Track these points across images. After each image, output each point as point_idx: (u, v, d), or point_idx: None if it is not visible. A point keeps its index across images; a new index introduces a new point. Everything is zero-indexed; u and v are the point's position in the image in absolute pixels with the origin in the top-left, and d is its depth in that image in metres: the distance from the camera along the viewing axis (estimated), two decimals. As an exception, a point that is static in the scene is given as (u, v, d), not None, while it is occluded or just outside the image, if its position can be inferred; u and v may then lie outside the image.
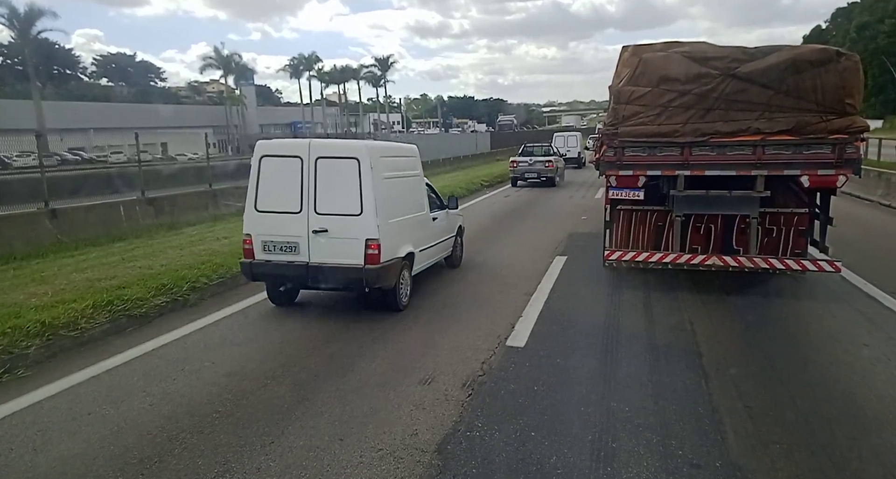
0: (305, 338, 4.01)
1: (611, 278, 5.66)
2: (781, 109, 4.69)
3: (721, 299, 4.89)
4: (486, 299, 4.96)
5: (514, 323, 4.27)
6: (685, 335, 3.99)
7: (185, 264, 5.53)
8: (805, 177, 4.65)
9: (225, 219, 9.19)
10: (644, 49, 5.40)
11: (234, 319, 4.48)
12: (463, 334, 4.06)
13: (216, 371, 3.43)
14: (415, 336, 4.03)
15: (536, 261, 6.40)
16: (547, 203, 12.09)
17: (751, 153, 4.69)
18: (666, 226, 5.47)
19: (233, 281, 5.42)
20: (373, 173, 4.19)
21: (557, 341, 3.88)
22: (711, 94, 4.82)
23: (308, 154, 4.27)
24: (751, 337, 3.95)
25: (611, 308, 4.65)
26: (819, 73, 4.63)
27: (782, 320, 4.37)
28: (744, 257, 4.97)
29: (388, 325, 4.27)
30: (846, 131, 4.56)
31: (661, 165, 4.94)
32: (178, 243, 6.73)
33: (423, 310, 4.64)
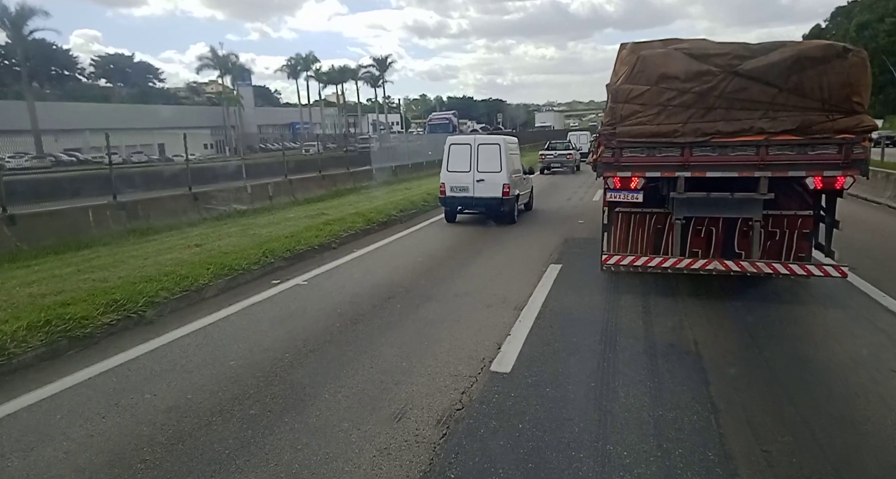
0: (268, 362, 3.60)
1: (607, 289, 5.28)
2: (785, 108, 4.46)
3: (726, 312, 4.51)
4: (472, 315, 4.57)
5: (500, 343, 3.89)
6: (690, 359, 3.59)
7: (145, 275, 5.11)
8: (810, 178, 4.44)
9: (204, 224, 8.80)
10: (643, 46, 5.16)
11: (192, 339, 4.07)
12: (443, 356, 3.67)
13: (156, 406, 3.01)
14: (391, 359, 3.63)
15: (529, 270, 6.01)
16: (543, 205, 11.70)
17: (754, 154, 4.48)
18: (665, 229, 5.27)
19: (198, 294, 5.01)
20: (504, 152, 8.87)
21: (547, 366, 3.49)
22: (712, 92, 4.59)
23: (474, 142, 9.07)
24: (763, 363, 3.54)
25: (607, 325, 4.27)
26: (825, 70, 4.39)
27: (796, 340, 3.97)
28: (746, 261, 4.76)
29: (363, 345, 3.88)
30: (853, 131, 4.33)
31: (661, 166, 4.72)
32: (144, 252, 6.32)
33: (402, 329, 4.24)
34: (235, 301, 4.96)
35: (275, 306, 4.85)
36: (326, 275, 6.03)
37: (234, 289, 5.39)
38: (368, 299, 5.04)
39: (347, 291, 5.33)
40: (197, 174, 16.56)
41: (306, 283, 5.66)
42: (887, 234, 7.82)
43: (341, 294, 5.21)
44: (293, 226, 8.17)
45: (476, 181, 8.81)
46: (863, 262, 5.72)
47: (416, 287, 5.44)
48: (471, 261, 6.60)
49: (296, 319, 4.50)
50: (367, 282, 5.68)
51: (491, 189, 8.75)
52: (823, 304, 4.77)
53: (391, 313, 4.64)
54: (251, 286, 5.51)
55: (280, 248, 6.53)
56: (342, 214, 9.32)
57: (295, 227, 8.04)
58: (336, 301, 4.98)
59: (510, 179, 8.83)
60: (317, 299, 5.07)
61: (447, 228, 9.16)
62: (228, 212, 9.98)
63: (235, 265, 5.66)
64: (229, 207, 10.13)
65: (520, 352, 3.70)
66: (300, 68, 57.89)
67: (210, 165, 20.22)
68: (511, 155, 9.16)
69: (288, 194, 12.68)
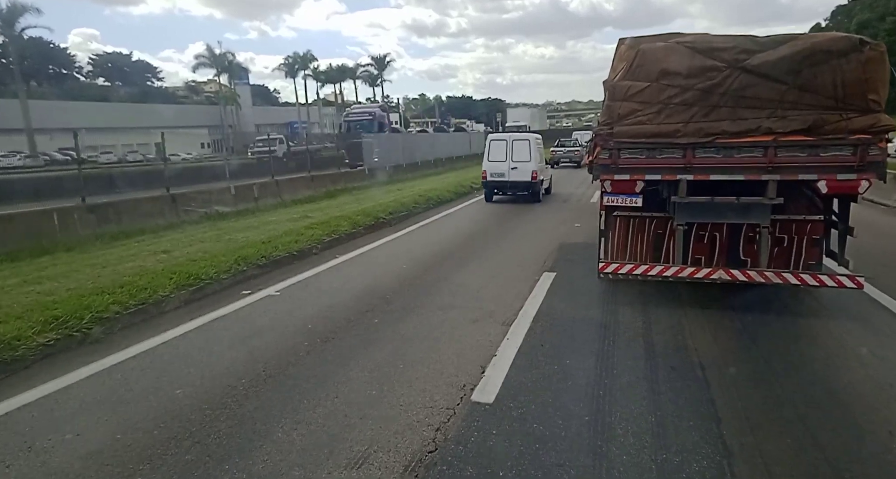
0: (219, 390, 3.19)
1: (604, 300, 4.91)
2: (796, 107, 4.17)
3: (733, 328, 4.13)
4: (456, 331, 4.17)
5: (485, 366, 3.49)
6: (696, 386, 3.18)
7: (98, 286, 4.68)
8: (822, 182, 4.13)
9: (181, 227, 8.37)
10: (643, 41, 4.84)
11: (139, 361, 3.65)
12: (419, 383, 3.27)
13: (75, 449, 2.59)
14: (359, 387, 3.23)
15: (520, 279, 5.62)
16: (538, 208, 11.33)
17: (761, 156, 4.19)
18: (666, 234, 4.97)
19: (156, 308, 4.60)
20: (533, 146, 11.67)
21: (536, 394, 3.08)
22: (717, 89, 4.30)
23: (509, 139, 11.89)
24: (781, 394, 3.11)
25: (603, 344, 3.87)
26: (839, 65, 4.08)
27: (818, 364, 3.55)
28: (753, 270, 4.43)
29: (331, 369, 3.48)
30: (869, 131, 4.02)
31: (661, 168, 4.42)
32: (105, 259, 5.88)
33: (377, 349, 3.83)
34: (198, 315, 4.55)
35: (240, 322, 4.45)
36: (302, 285, 5.62)
37: (198, 301, 4.97)
38: (344, 312, 4.65)
39: (322, 302, 4.93)
40: (191, 174, 16.20)
41: (279, 294, 5.26)
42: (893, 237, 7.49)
43: (315, 307, 4.81)
44: (273, 230, 7.75)
45: (510, 169, 11.78)
46: (877, 270, 5.35)
47: (397, 298, 5.04)
48: (459, 268, 6.21)
49: (261, 336, 4.10)
50: (346, 292, 5.29)
51: (523, 175, 11.68)
52: (838, 317, 4.40)
53: (367, 328, 4.25)
54: (218, 298, 5.10)
55: (255, 254, 6.13)
56: (327, 217, 8.91)
57: (274, 231, 7.63)
58: (308, 315, 4.58)
59: (538, 167, 11.93)
60: (287, 313, 4.66)
61: (437, 232, 8.77)
62: (210, 214, 9.56)
63: (203, 274, 5.25)
64: (210, 210, 9.71)
65: (505, 377, 3.30)
66: (298, 67, 57.53)
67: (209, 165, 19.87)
68: (538, 149, 12.26)
69: (274, 196, 12.27)
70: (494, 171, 11.75)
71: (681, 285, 4.98)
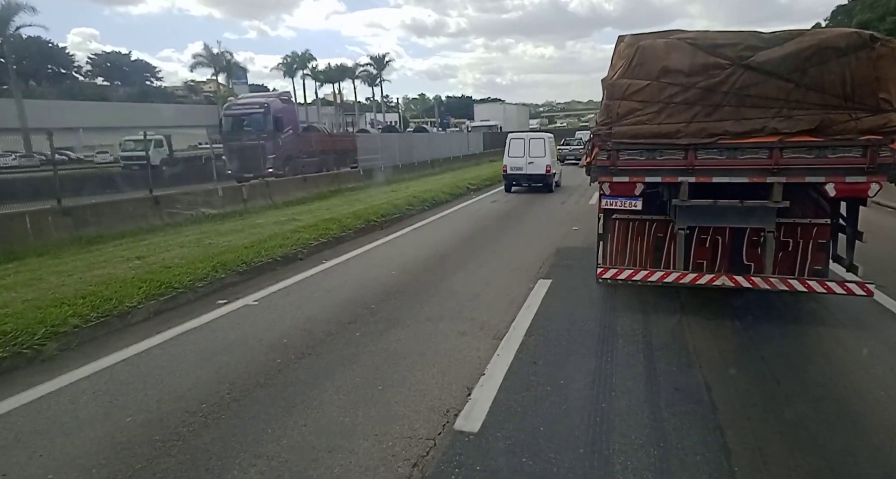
0: (176, 417, 2.88)
1: (602, 310, 4.64)
2: (803, 106, 4.00)
3: (741, 342, 3.86)
4: (443, 345, 3.89)
5: (471, 387, 3.20)
6: (703, 411, 2.89)
7: (59, 297, 4.37)
8: (830, 185, 3.96)
9: (163, 231, 8.05)
10: (642, 38, 4.64)
11: (92, 382, 3.34)
12: (399, 407, 2.98)
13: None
14: (332, 412, 2.94)
15: (514, 287, 5.34)
16: (535, 210, 11.07)
17: (766, 157, 4.02)
18: (667, 238, 4.79)
19: (121, 320, 4.30)
20: (547, 143, 13.82)
21: (526, 421, 2.80)
22: (720, 87, 4.13)
23: (526, 137, 13.96)
24: (798, 423, 2.85)
25: (601, 361, 3.59)
26: (848, 63, 3.92)
27: (833, 386, 3.27)
28: (758, 276, 4.24)
29: (303, 391, 3.19)
30: (880, 131, 3.85)
31: (662, 170, 4.25)
32: (73, 266, 5.56)
33: (356, 366, 3.55)
34: (166, 328, 4.26)
35: (212, 335, 4.16)
36: (283, 293, 5.33)
37: (169, 312, 4.68)
38: (325, 323, 4.36)
39: (303, 313, 4.64)
40: (180, 174, 15.73)
41: (257, 303, 4.97)
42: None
43: (294, 318, 4.53)
44: (258, 233, 7.45)
45: (528, 163, 13.70)
46: (889, 277, 5.11)
47: (383, 308, 4.76)
48: (450, 275, 5.93)
49: (231, 352, 3.81)
50: (329, 301, 5.00)
51: (538, 168, 13.64)
52: (849, 326, 4.16)
53: (348, 343, 3.96)
54: (191, 308, 4.81)
55: (235, 260, 5.83)
56: (316, 220, 8.62)
57: (259, 235, 7.33)
58: (286, 328, 4.30)
59: (551, 162, 13.80)
60: (264, 325, 4.37)
61: (429, 236, 8.49)
62: (196, 216, 9.26)
63: (176, 282, 4.95)
64: (196, 212, 9.39)
65: (493, 400, 3.02)
66: (296, 67, 57.18)
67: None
68: (551, 146, 14.37)
69: (265, 197, 11.97)
70: (514, 165, 13.85)
71: (683, 293, 4.78)
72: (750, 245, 4.67)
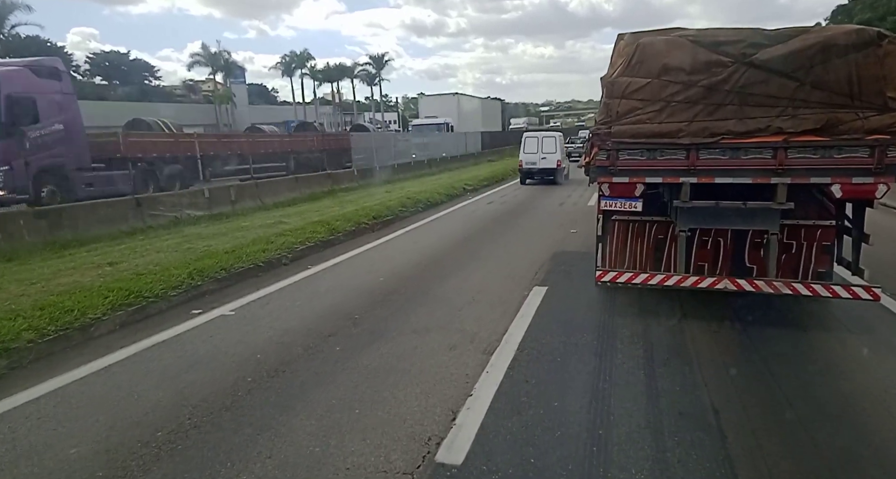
0: (126, 447, 2.59)
1: (600, 321, 4.39)
2: (808, 105, 3.90)
3: (749, 359, 3.60)
4: (429, 361, 3.62)
5: (457, 410, 2.93)
6: (711, 439, 2.62)
7: (14, 309, 4.07)
8: (836, 186, 3.84)
9: (144, 234, 7.76)
10: (643, 36, 4.51)
11: (39, 406, 3.03)
12: (375, 434, 2.71)
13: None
14: (301, 440, 2.66)
15: (508, 295, 5.09)
16: (533, 212, 10.82)
17: (770, 157, 3.91)
18: (667, 239, 4.70)
19: (82, 333, 4.01)
20: (558, 141, 15.94)
21: (515, 450, 2.54)
22: (723, 86, 4.02)
23: (539, 136, 15.79)
24: (808, 444, 2.62)
25: (599, 380, 3.32)
26: (854, 60, 3.81)
27: (850, 408, 3.04)
28: (761, 280, 4.13)
29: (271, 414, 2.91)
30: (888, 131, 3.73)
31: (663, 170, 4.14)
32: (39, 274, 5.27)
33: (331, 386, 3.27)
34: (131, 342, 3.98)
35: (180, 349, 3.89)
36: (262, 302, 5.06)
37: (137, 323, 4.41)
38: (303, 336, 4.10)
39: (281, 325, 4.38)
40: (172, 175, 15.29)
41: (234, 313, 4.69)
42: None
43: (271, 330, 4.26)
44: (242, 237, 7.18)
45: (541, 159, 15.46)
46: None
47: (367, 318, 4.50)
48: (442, 280, 5.68)
49: (198, 369, 3.53)
50: (310, 311, 4.74)
51: (550, 163, 15.42)
52: (859, 335, 3.95)
53: (325, 359, 3.70)
54: (162, 319, 4.54)
55: (213, 266, 5.55)
56: (304, 223, 8.34)
57: (243, 238, 7.05)
58: (261, 340, 4.03)
59: (561, 157, 15.56)
60: (238, 338, 4.11)
61: (422, 239, 8.24)
62: (180, 219, 8.96)
63: (147, 291, 4.67)
64: (181, 214, 9.09)
65: (480, 426, 2.76)
66: (295, 66, 56.85)
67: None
68: (561, 143, 16.28)
69: (254, 198, 11.70)
70: (528, 161, 15.73)
71: (684, 297, 4.61)
72: (752, 247, 4.57)
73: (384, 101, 68.81)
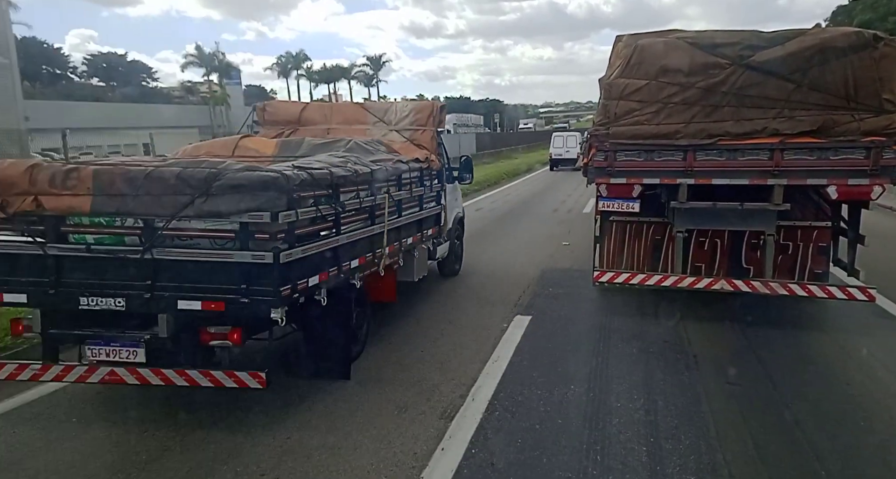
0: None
1: (592, 363, 3.72)
2: (804, 106, 4.04)
3: (774, 417, 3.01)
4: (368, 433, 2.81)
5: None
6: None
7: None
8: (832, 187, 3.98)
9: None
10: (641, 37, 4.68)
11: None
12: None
13: None
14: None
15: (483, 328, 4.33)
16: (523, 221, 10.01)
17: (767, 159, 4.03)
18: (665, 240, 4.82)
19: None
20: (578, 138, 21.02)
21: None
22: (720, 87, 4.17)
23: (565, 134, 24.68)
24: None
25: (589, 457, 2.60)
26: (851, 63, 3.95)
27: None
28: (757, 281, 4.26)
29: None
30: (883, 133, 3.89)
31: (660, 171, 4.27)
32: None
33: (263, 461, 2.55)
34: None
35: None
36: None
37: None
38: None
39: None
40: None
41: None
42: None
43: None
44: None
45: (565, 152, 22.16)
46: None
47: None
48: (405, 311, 4.69)
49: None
50: None
51: (571, 155, 21.23)
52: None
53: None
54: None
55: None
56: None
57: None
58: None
59: (580, 150, 17.22)
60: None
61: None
62: None
63: None
64: None
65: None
66: (290, 67, 57.09)
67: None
68: (579, 140, 19.15)
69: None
70: (556, 153, 22.81)
71: (693, 332, 4.30)
72: (749, 248, 4.68)
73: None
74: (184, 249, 2.72)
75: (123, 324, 2.94)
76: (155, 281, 2.70)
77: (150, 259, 2.68)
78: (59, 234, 2.79)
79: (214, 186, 2.57)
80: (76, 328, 2.94)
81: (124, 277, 2.73)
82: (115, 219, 2.76)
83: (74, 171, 2.70)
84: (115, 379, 2.82)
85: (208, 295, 2.69)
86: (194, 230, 2.73)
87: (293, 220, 2.75)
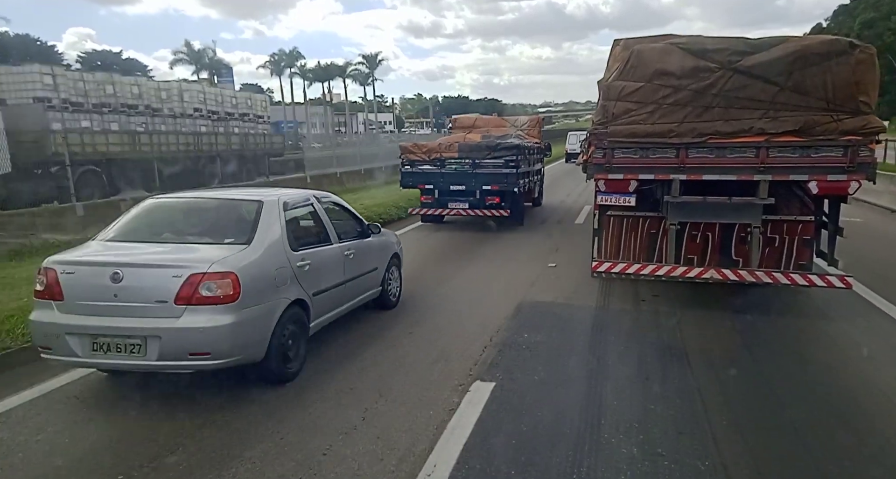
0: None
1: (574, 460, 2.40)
2: (787, 108, 4.25)
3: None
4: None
5: None
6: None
7: None
8: (813, 182, 4.20)
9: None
10: (637, 42, 4.94)
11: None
12: None
13: None
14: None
15: (424, 405, 2.92)
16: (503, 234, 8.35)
17: (753, 156, 4.25)
18: (659, 233, 5.05)
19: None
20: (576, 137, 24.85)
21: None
22: (710, 90, 4.38)
23: (579, 133, 23.69)
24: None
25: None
26: (829, 68, 4.17)
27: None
28: (744, 270, 4.53)
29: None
30: (860, 132, 4.11)
31: (655, 168, 4.48)
32: None
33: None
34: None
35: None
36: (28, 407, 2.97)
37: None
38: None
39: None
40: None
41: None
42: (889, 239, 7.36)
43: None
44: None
45: (578, 148, 23.22)
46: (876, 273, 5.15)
47: (165, 467, 2.42)
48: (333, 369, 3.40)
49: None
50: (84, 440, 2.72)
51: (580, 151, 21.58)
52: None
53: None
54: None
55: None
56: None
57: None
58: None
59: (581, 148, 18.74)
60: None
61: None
62: (29, 247, 6.64)
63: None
64: (35, 239, 6.90)
65: None
66: (284, 65, 55.17)
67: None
68: None
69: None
70: (571, 149, 24.97)
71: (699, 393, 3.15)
72: (739, 241, 4.91)
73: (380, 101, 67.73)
74: (486, 168, 8.48)
75: (461, 197, 8.71)
76: (475, 181, 8.55)
77: (473, 173, 8.50)
78: (444, 163, 8.62)
79: (497, 146, 8.50)
80: (447, 198, 8.73)
81: (465, 178, 8.53)
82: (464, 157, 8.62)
83: (454, 143, 8.82)
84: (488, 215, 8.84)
85: (492, 184, 8.45)
86: (490, 164, 8.52)
87: (520, 158, 8.65)
